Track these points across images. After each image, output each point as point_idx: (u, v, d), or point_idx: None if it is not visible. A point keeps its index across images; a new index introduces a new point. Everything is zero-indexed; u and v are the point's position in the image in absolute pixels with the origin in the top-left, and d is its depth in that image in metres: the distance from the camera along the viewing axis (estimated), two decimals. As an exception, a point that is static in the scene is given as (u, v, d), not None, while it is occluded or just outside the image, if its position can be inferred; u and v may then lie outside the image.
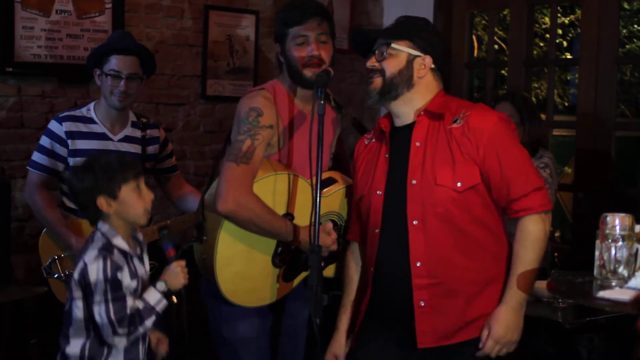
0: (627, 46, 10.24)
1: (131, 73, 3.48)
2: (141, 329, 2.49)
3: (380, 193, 2.63)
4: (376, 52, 2.63)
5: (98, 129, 3.52)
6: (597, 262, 2.48)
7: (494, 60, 5.79)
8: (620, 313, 3.07)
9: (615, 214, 2.46)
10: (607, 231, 2.47)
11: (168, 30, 4.72)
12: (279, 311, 3.04)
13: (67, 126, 3.48)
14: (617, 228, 2.45)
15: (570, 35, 10.74)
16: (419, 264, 2.53)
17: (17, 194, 4.10)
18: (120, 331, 2.44)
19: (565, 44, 10.62)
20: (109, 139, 3.53)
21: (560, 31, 9.98)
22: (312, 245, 2.60)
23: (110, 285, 2.43)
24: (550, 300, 3.35)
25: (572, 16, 10.47)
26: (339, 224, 2.99)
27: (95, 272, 2.44)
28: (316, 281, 2.56)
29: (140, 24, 4.60)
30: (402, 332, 2.59)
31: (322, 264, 2.63)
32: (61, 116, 3.52)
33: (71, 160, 3.45)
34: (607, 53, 4.59)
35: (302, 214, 2.84)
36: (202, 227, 2.85)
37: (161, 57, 4.48)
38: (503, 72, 7.67)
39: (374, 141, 2.75)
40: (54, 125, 3.50)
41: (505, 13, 7.62)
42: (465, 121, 2.52)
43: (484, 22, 9.29)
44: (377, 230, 2.63)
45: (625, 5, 9.11)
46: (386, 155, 2.65)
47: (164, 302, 2.54)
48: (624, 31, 9.91)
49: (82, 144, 3.46)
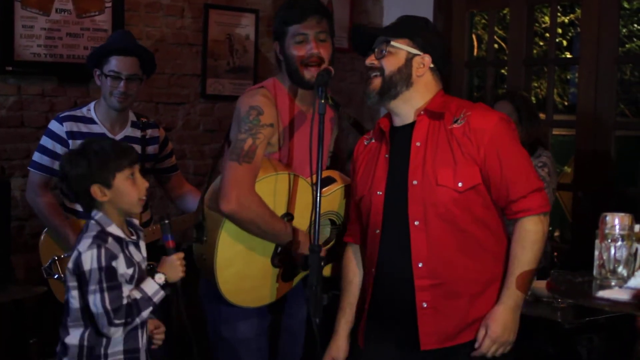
0: (627, 45, 10.24)
1: (131, 74, 3.47)
2: (138, 320, 2.47)
3: (380, 193, 2.61)
4: (375, 50, 2.61)
5: (98, 129, 3.52)
6: (596, 262, 2.48)
7: (493, 60, 5.78)
8: (620, 313, 3.07)
9: (615, 214, 2.45)
10: (607, 231, 2.47)
11: (168, 29, 4.71)
12: (278, 311, 3.03)
13: (67, 126, 3.48)
14: (617, 228, 2.45)
15: (570, 34, 10.74)
16: (420, 264, 2.52)
17: (17, 193, 4.10)
18: (116, 321, 2.41)
19: (565, 43, 10.61)
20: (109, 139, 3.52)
21: (560, 30, 9.97)
22: (312, 244, 2.60)
23: (105, 274, 2.39)
24: (550, 300, 3.35)
25: (572, 15, 10.47)
26: (337, 223, 2.99)
27: (89, 260, 2.40)
28: (316, 281, 2.56)
29: (140, 22, 4.59)
30: (404, 334, 2.58)
31: (322, 263, 2.62)
32: (62, 116, 3.52)
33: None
34: (607, 52, 4.59)
35: (302, 213, 2.84)
36: (201, 228, 2.83)
37: (161, 56, 4.48)
38: (503, 71, 7.66)
39: (373, 141, 2.74)
40: (54, 126, 3.50)
41: (505, 12, 7.62)
42: (466, 121, 2.51)
43: (483, 21, 9.29)
44: (377, 230, 2.62)
45: (625, 5, 9.11)
46: (386, 156, 2.63)
47: (162, 293, 2.51)
48: (623, 30, 9.90)
49: None
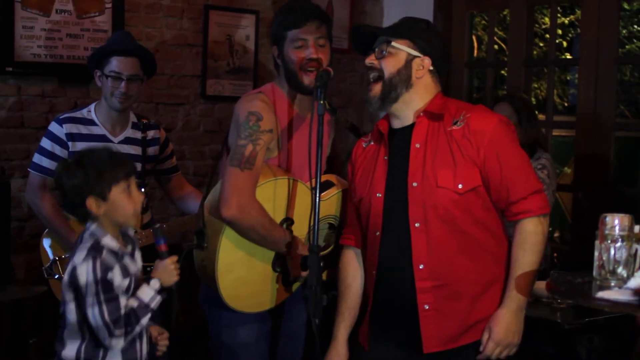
0: (626, 46, 10.23)
1: (132, 74, 3.47)
2: (138, 328, 2.46)
3: (380, 196, 2.60)
4: (376, 50, 2.61)
5: (98, 130, 3.52)
6: (596, 263, 2.48)
7: (493, 61, 5.79)
8: (620, 313, 3.07)
9: (615, 215, 2.45)
10: (607, 231, 2.47)
11: (168, 30, 4.72)
12: (278, 315, 3.02)
13: (67, 128, 3.47)
14: (617, 228, 2.45)
15: (570, 35, 10.74)
16: (421, 266, 2.51)
17: (17, 193, 4.10)
18: (117, 332, 2.40)
19: (565, 44, 10.61)
20: (110, 140, 3.52)
21: (560, 31, 9.97)
22: (312, 245, 2.60)
23: (102, 287, 2.38)
24: (550, 300, 3.35)
25: (572, 16, 10.47)
26: (336, 226, 2.99)
27: (84, 273, 2.39)
28: (315, 281, 2.55)
29: (140, 23, 4.60)
30: (407, 336, 2.57)
31: (322, 264, 2.62)
32: (62, 118, 3.52)
33: (69, 159, 3.45)
34: (606, 53, 4.59)
35: (302, 218, 2.83)
36: (202, 234, 2.82)
37: (161, 57, 4.48)
38: (503, 72, 7.66)
39: (372, 144, 2.73)
40: (54, 127, 3.49)
41: (505, 13, 7.62)
42: (466, 123, 2.51)
43: (483, 22, 9.28)
44: (377, 233, 2.61)
45: (625, 6, 9.11)
46: (385, 158, 2.62)
47: (158, 299, 2.50)
48: (623, 31, 9.90)
49: (82, 145, 3.45)
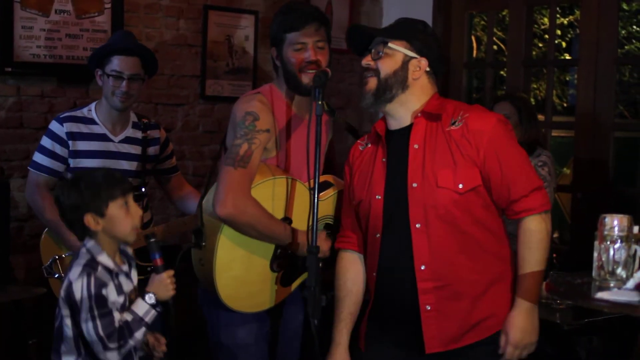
0: (626, 47, 10.24)
1: (133, 74, 3.47)
2: (131, 342, 2.47)
3: (379, 197, 2.58)
4: (372, 51, 2.60)
5: (99, 129, 3.52)
6: (595, 263, 2.49)
7: (493, 61, 5.79)
8: (619, 314, 3.08)
9: (614, 215, 2.46)
10: (606, 232, 2.48)
11: (167, 30, 4.72)
12: (276, 315, 3.02)
13: (68, 127, 3.47)
14: (616, 229, 2.46)
15: (569, 36, 10.74)
16: (423, 267, 2.50)
17: (17, 194, 4.10)
18: (111, 345, 2.42)
19: (564, 44, 10.62)
20: (110, 139, 3.52)
21: (559, 32, 9.97)
22: (310, 246, 2.59)
23: (96, 302, 2.41)
24: (549, 301, 3.35)
25: (571, 17, 10.47)
26: (332, 225, 2.98)
27: (79, 289, 2.42)
28: (314, 282, 2.55)
29: (140, 24, 4.60)
30: (408, 337, 2.57)
31: (320, 265, 2.62)
32: (62, 117, 3.51)
33: (72, 161, 3.45)
34: (606, 54, 4.59)
35: (300, 218, 2.83)
36: (200, 233, 2.82)
37: (160, 57, 4.46)
38: (502, 72, 7.66)
39: (369, 146, 2.71)
40: (54, 126, 3.49)
41: (504, 13, 7.63)
42: (464, 123, 2.51)
43: (483, 22, 9.29)
44: (377, 235, 2.59)
45: (624, 6, 9.12)
46: (383, 159, 2.61)
47: (153, 313, 2.52)
48: (622, 32, 9.91)
49: (82, 144, 3.46)
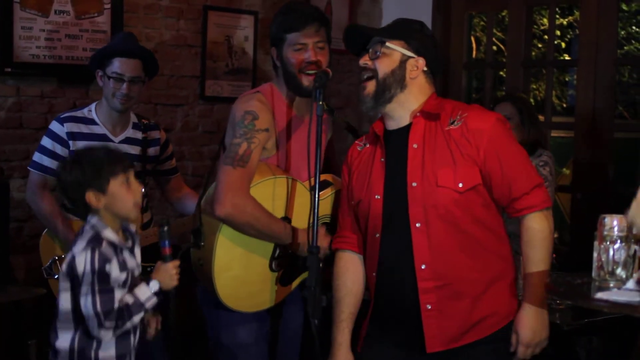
0: (625, 47, 10.25)
1: (134, 76, 3.47)
2: (129, 324, 2.47)
3: (379, 197, 2.58)
4: (370, 51, 2.60)
5: (99, 130, 3.52)
6: (595, 264, 2.48)
7: (492, 61, 5.79)
8: (619, 314, 3.07)
9: (613, 215, 2.46)
10: (605, 232, 2.47)
11: (167, 31, 4.72)
12: (276, 315, 3.02)
13: (68, 127, 3.48)
14: (615, 229, 2.45)
15: (569, 36, 10.75)
16: (423, 266, 2.50)
17: (16, 194, 4.10)
18: (107, 324, 2.41)
19: (563, 45, 10.63)
20: (110, 140, 3.53)
21: (558, 32, 9.98)
22: (311, 246, 2.60)
23: (98, 277, 2.40)
24: (549, 301, 3.34)
25: (570, 17, 10.48)
26: (330, 224, 2.97)
27: (82, 263, 2.41)
28: (314, 282, 2.55)
29: (139, 24, 4.60)
30: (408, 336, 2.57)
31: (321, 264, 2.62)
32: (62, 117, 3.52)
33: (67, 157, 3.45)
34: (605, 54, 4.60)
35: (299, 218, 2.84)
36: (199, 233, 2.82)
37: (160, 58, 4.45)
38: (501, 73, 7.66)
39: (367, 146, 2.71)
40: (55, 126, 3.50)
41: (503, 14, 7.63)
42: (463, 122, 2.51)
43: (482, 23, 9.29)
44: (377, 235, 2.59)
45: (624, 7, 9.12)
46: (382, 159, 2.61)
47: (154, 300, 2.52)
48: (622, 32, 9.92)
49: (83, 145, 3.45)
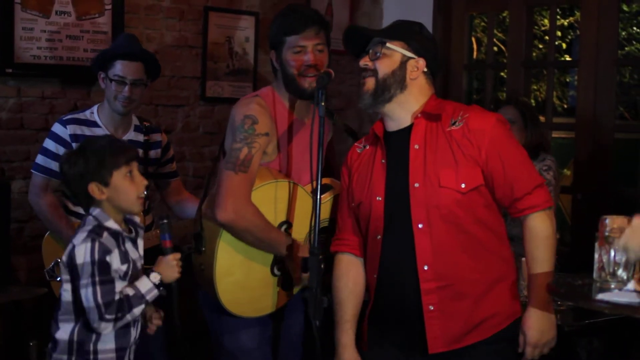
0: (626, 48, 10.24)
1: (136, 79, 3.48)
2: (129, 317, 2.44)
3: (380, 199, 2.58)
4: (370, 52, 2.59)
5: (101, 132, 3.52)
6: (596, 265, 2.48)
7: (493, 62, 5.80)
8: (620, 315, 3.07)
9: (614, 216, 2.45)
10: (606, 233, 2.47)
11: (168, 32, 4.72)
12: (278, 320, 3.01)
13: (71, 129, 3.48)
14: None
15: (570, 37, 10.74)
16: (426, 267, 2.50)
17: (17, 195, 4.11)
18: (107, 316, 2.39)
19: (564, 46, 10.62)
20: (112, 142, 3.53)
21: (559, 33, 9.97)
22: (312, 247, 2.60)
23: (98, 268, 2.38)
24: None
25: (571, 18, 10.47)
26: (328, 228, 2.96)
27: (82, 254, 2.39)
28: (315, 283, 2.55)
29: (140, 25, 4.60)
30: (410, 338, 2.56)
31: (322, 266, 2.62)
32: (65, 119, 3.52)
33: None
34: (606, 55, 4.60)
35: (301, 221, 2.84)
36: (200, 238, 2.82)
37: (161, 59, 4.45)
38: (502, 74, 7.67)
39: (367, 148, 2.70)
40: (58, 128, 3.50)
41: (504, 15, 7.62)
42: (465, 123, 2.51)
43: (483, 23, 9.28)
44: (379, 236, 2.58)
45: (625, 8, 9.12)
46: (382, 161, 2.61)
47: (155, 292, 2.50)
48: (623, 33, 9.91)
49: None
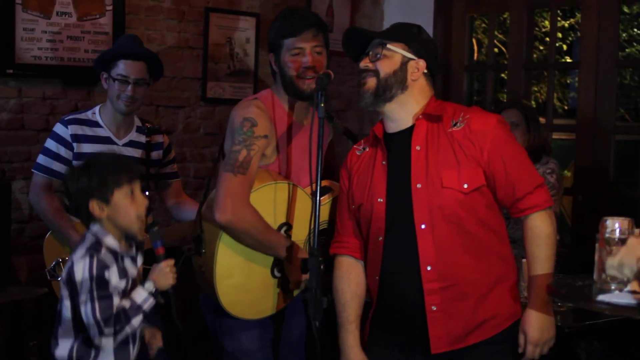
0: (626, 50, 10.26)
1: (139, 78, 3.48)
2: (128, 329, 2.45)
3: (381, 200, 2.58)
4: (370, 53, 2.60)
5: (103, 132, 3.53)
6: (596, 266, 2.48)
7: (494, 64, 5.80)
8: (620, 317, 3.07)
9: (615, 218, 2.46)
10: (607, 235, 2.47)
11: (169, 33, 4.72)
12: (279, 322, 3.01)
13: (72, 129, 3.49)
14: (617, 232, 2.45)
15: (570, 38, 10.76)
16: (429, 267, 2.50)
17: (18, 195, 4.11)
18: (106, 331, 2.40)
19: (565, 47, 10.64)
20: (114, 143, 3.54)
21: (560, 35, 9.98)
22: (312, 248, 2.60)
23: (96, 284, 2.39)
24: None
25: (572, 20, 10.49)
26: (327, 229, 2.96)
27: (81, 270, 2.41)
28: (315, 284, 2.56)
29: (141, 26, 4.60)
30: (412, 338, 2.57)
31: (322, 267, 2.62)
32: (67, 119, 3.53)
33: (75, 164, 3.46)
34: (606, 56, 4.60)
35: (300, 223, 2.84)
36: (200, 240, 2.82)
37: (162, 60, 4.47)
38: (503, 75, 7.67)
39: (366, 150, 2.70)
40: (59, 128, 3.50)
41: (505, 16, 7.62)
42: (466, 124, 2.52)
43: (484, 25, 9.29)
44: (380, 238, 2.59)
45: (625, 9, 9.13)
46: (383, 162, 2.61)
47: (151, 301, 2.50)
48: (623, 35, 9.92)
49: (87, 147, 3.47)
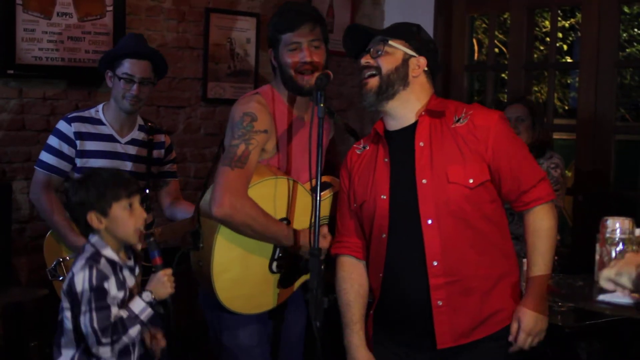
0: (627, 50, 10.26)
1: (144, 77, 3.49)
2: (125, 338, 2.46)
3: (385, 197, 2.58)
4: (371, 50, 2.60)
5: (106, 130, 3.54)
6: (597, 266, 2.48)
7: (494, 64, 5.80)
8: (620, 317, 3.07)
9: (615, 218, 2.46)
10: (607, 235, 2.47)
11: (169, 33, 4.72)
12: (278, 318, 3.01)
13: (76, 127, 3.49)
14: (617, 231, 2.45)
15: (571, 38, 10.77)
16: (435, 263, 2.50)
17: (18, 195, 4.11)
18: (104, 340, 2.42)
19: (565, 47, 10.64)
20: (117, 140, 3.54)
21: (560, 35, 9.99)
22: (312, 248, 2.60)
23: (95, 294, 2.42)
24: (550, 303, 3.34)
25: (572, 20, 10.49)
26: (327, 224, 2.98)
27: (81, 281, 2.43)
28: (316, 284, 2.56)
29: (141, 26, 4.60)
30: (416, 335, 2.57)
31: (323, 266, 2.61)
32: (70, 117, 3.53)
33: (78, 161, 3.47)
34: (607, 56, 4.60)
35: (300, 219, 2.84)
36: (198, 234, 2.82)
37: (162, 60, 4.49)
38: (503, 75, 7.67)
39: (367, 148, 2.70)
40: (62, 126, 3.51)
41: (505, 16, 7.63)
42: (470, 119, 2.53)
43: (484, 25, 9.30)
44: (384, 235, 2.58)
45: (626, 9, 9.14)
46: (385, 160, 2.61)
47: (149, 311, 2.51)
48: (624, 35, 9.92)
49: (90, 144, 3.48)
